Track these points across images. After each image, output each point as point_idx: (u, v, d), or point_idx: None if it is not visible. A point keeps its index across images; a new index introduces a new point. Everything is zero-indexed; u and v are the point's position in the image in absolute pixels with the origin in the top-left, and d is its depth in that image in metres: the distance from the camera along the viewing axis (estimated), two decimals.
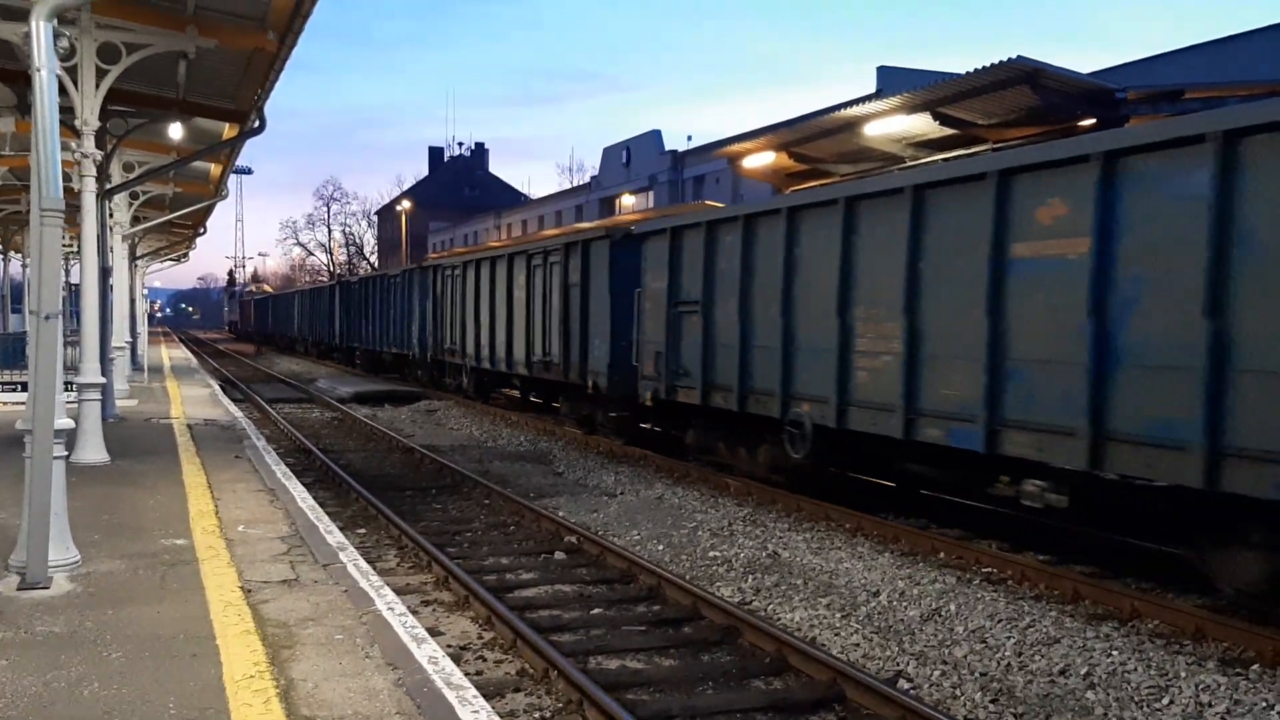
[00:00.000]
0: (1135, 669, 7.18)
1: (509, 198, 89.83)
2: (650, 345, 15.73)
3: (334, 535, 8.84)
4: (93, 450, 12.20)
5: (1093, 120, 10.85)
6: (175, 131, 16.41)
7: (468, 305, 25.52)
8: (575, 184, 72.74)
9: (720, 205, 21.61)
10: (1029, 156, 9.39)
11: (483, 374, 25.19)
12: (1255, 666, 7.24)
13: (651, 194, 52.28)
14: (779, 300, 12.46)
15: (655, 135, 53.75)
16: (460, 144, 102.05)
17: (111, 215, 18.45)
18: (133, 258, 28.90)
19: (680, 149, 51.71)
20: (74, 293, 21.18)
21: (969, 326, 9.67)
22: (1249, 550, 7.99)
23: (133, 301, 28.84)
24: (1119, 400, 8.35)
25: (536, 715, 6.48)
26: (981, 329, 9.51)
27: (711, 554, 10.67)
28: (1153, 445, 8.08)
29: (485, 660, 7.46)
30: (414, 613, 7.31)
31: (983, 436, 9.51)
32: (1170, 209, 7.99)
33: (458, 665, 5.85)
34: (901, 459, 11.56)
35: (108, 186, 15.72)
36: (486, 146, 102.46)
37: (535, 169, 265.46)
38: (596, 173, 61.85)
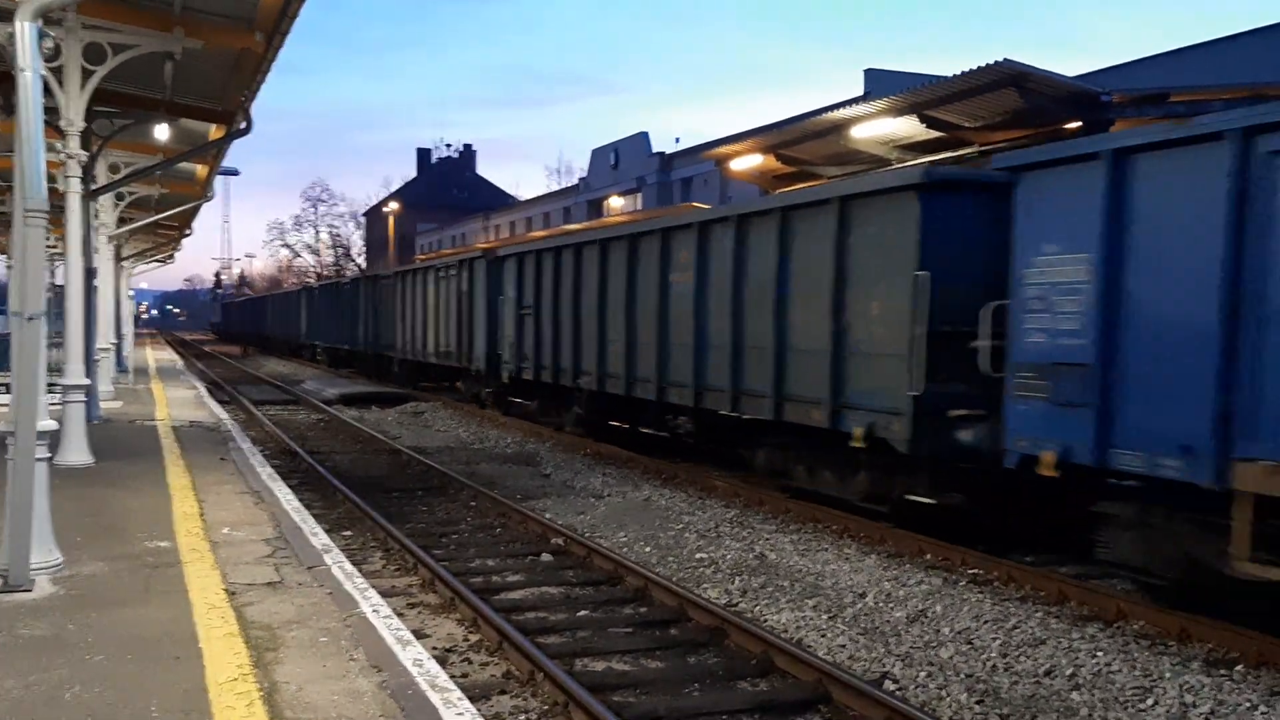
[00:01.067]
0: (1120, 670, 7.21)
1: (497, 199, 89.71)
2: (507, 338, 21.36)
3: (319, 537, 8.82)
4: (76, 452, 12.14)
5: (1078, 123, 10.90)
6: (161, 132, 16.32)
7: (396, 309, 31.50)
8: (563, 186, 72.66)
9: (706, 207, 21.71)
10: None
11: (407, 363, 30.80)
12: (1239, 667, 7.28)
13: (640, 196, 52.30)
14: (571, 308, 18.25)
15: (643, 137, 53.76)
16: (448, 145, 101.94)
17: (97, 216, 18.38)
18: (118, 259, 28.76)
19: (668, 151, 51.75)
20: (59, 294, 21.09)
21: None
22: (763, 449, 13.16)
23: (118, 303, 28.70)
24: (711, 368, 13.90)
25: (522, 717, 6.47)
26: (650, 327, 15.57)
27: (698, 555, 10.67)
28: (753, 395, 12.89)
29: (471, 663, 7.44)
30: (399, 615, 7.29)
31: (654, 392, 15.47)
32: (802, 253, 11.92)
33: (443, 667, 5.84)
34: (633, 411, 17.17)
35: (93, 187, 15.65)
36: (474, 148, 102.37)
37: (523, 171, 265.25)
38: (585, 175, 61.83)
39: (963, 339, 9.68)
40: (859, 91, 34.66)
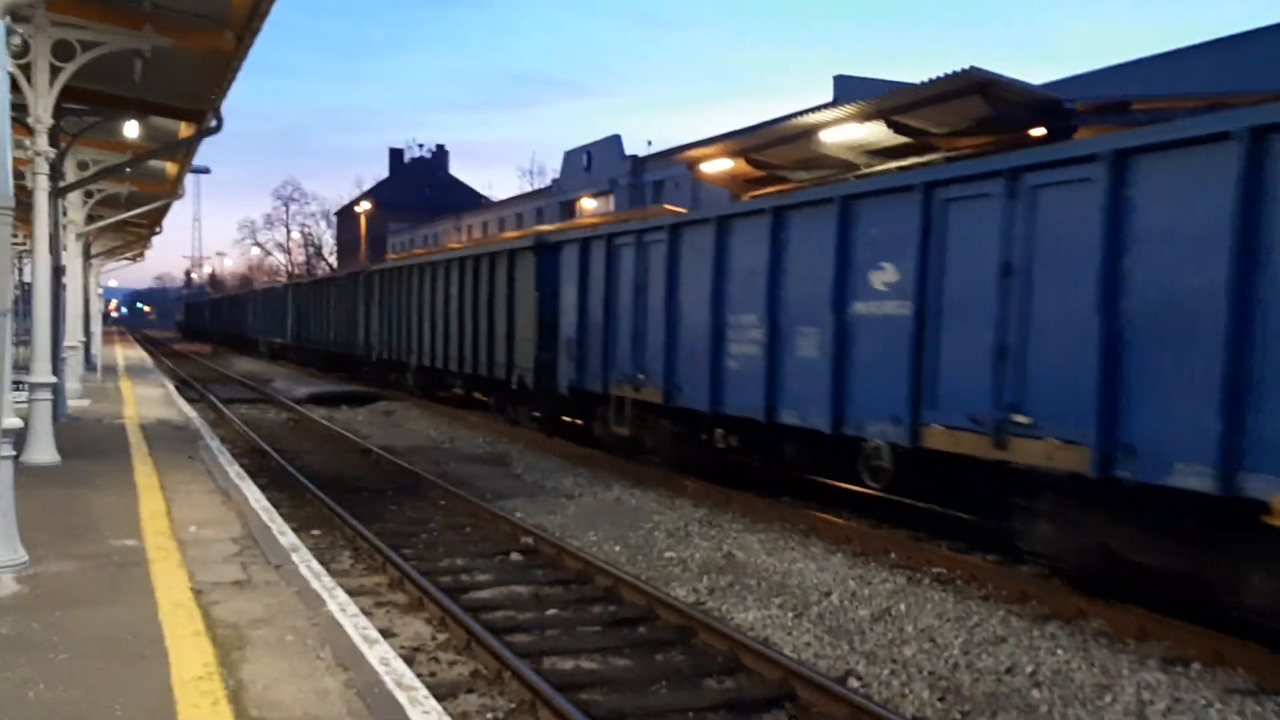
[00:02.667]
0: (1079, 668, 7.33)
1: (470, 200, 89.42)
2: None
3: (287, 537, 8.81)
4: (43, 450, 12.05)
5: (1043, 130, 11.04)
6: (131, 130, 16.20)
7: (317, 307, 39.36)
8: (536, 188, 72.56)
9: (682, 210, 21.79)
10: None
11: (330, 352, 37.13)
12: (1196, 665, 7.41)
13: (612, 198, 52.33)
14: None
15: (616, 140, 53.79)
16: (421, 146, 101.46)
17: (65, 213, 18.23)
18: (87, 256, 28.52)
19: (640, 154, 51.82)
20: (26, 291, 20.88)
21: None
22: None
23: (87, 300, 28.46)
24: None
25: (489, 716, 6.51)
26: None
27: (667, 555, 10.74)
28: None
29: (439, 661, 7.47)
30: (367, 614, 7.29)
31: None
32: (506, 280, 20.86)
33: (410, 666, 5.86)
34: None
35: (61, 184, 15.52)
36: (448, 149, 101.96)
37: (496, 173, 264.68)
38: (557, 176, 61.79)
39: (554, 329, 17.89)
40: (828, 98, 34.85)
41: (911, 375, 9.96)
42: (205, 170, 33.89)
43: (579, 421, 18.09)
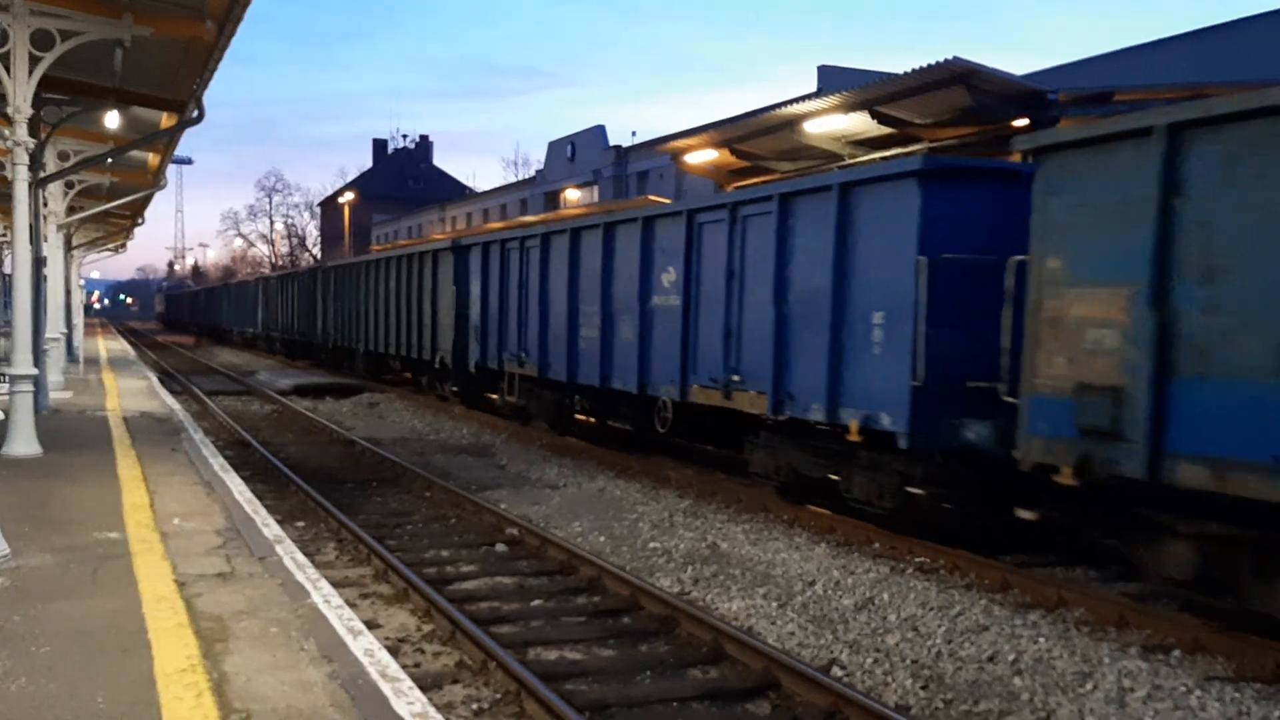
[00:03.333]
0: (1061, 655, 7.38)
1: (454, 191, 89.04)
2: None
3: (271, 528, 8.79)
4: (24, 443, 11.99)
5: (1025, 121, 11.07)
6: (112, 120, 16.09)
7: (282, 300, 41.81)
8: (520, 178, 72.36)
9: (665, 201, 21.79)
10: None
11: (293, 340, 39.88)
12: (1176, 652, 7.47)
13: (596, 189, 52.26)
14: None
15: (600, 130, 53.70)
16: (405, 136, 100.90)
17: (46, 204, 18.10)
18: (68, 248, 28.30)
19: (625, 145, 51.73)
20: (6, 283, 20.74)
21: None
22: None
23: (68, 292, 28.25)
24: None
25: (474, 706, 6.51)
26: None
27: (651, 545, 10.76)
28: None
29: (423, 653, 7.47)
30: (351, 606, 7.29)
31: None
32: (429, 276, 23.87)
33: (395, 658, 5.86)
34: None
35: (42, 175, 15.40)
36: (431, 140, 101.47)
37: (480, 163, 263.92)
38: (541, 167, 61.65)
39: (466, 317, 21.25)
40: (812, 88, 34.83)
41: (682, 349, 13.28)
42: (188, 161, 34.19)
43: (493, 396, 20.75)
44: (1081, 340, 7.89)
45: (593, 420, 17.08)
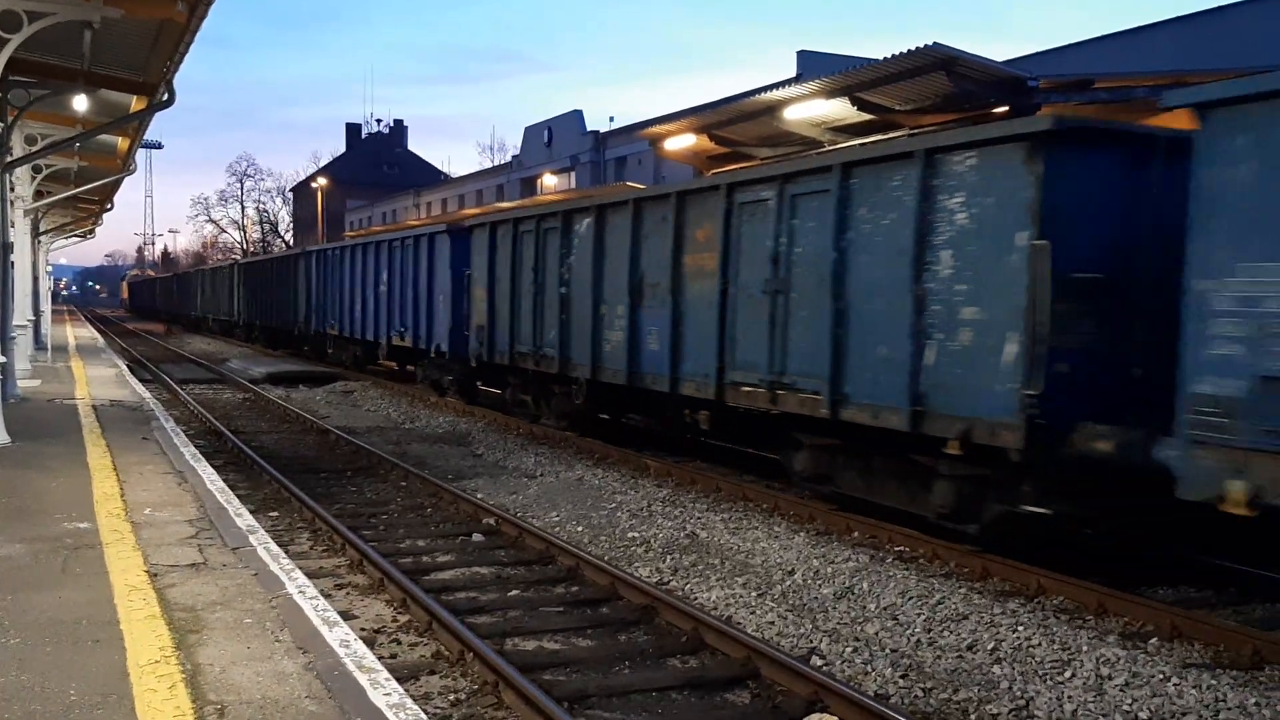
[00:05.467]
0: (1040, 643, 7.38)
1: (429, 176, 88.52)
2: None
3: (244, 518, 8.68)
4: None
5: (1006, 107, 11.05)
6: (80, 104, 15.83)
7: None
8: (496, 163, 72.05)
9: (642, 186, 21.70)
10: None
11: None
12: (1154, 640, 7.50)
13: (573, 174, 52.07)
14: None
15: (577, 115, 53.47)
16: (379, 121, 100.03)
17: (13, 189, 17.80)
18: (36, 233, 27.91)
19: (602, 130, 51.54)
20: None
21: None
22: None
23: (36, 278, 27.87)
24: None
25: (452, 697, 6.44)
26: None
27: (630, 534, 10.71)
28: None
29: (400, 643, 7.40)
30: (327, 596, 7.22)
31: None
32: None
33: (371, 648, 5.80)
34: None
35: (8, 159, 15.14)
36: (406, 124, 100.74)
37: (455, 148, 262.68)
38: (518, 152, 61.36)
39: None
40: (792, 73, 34.78)
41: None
42: (158, 145, 33.91)
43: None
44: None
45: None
